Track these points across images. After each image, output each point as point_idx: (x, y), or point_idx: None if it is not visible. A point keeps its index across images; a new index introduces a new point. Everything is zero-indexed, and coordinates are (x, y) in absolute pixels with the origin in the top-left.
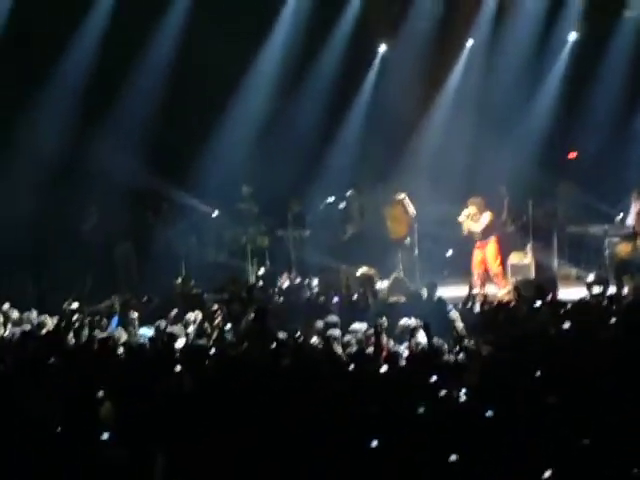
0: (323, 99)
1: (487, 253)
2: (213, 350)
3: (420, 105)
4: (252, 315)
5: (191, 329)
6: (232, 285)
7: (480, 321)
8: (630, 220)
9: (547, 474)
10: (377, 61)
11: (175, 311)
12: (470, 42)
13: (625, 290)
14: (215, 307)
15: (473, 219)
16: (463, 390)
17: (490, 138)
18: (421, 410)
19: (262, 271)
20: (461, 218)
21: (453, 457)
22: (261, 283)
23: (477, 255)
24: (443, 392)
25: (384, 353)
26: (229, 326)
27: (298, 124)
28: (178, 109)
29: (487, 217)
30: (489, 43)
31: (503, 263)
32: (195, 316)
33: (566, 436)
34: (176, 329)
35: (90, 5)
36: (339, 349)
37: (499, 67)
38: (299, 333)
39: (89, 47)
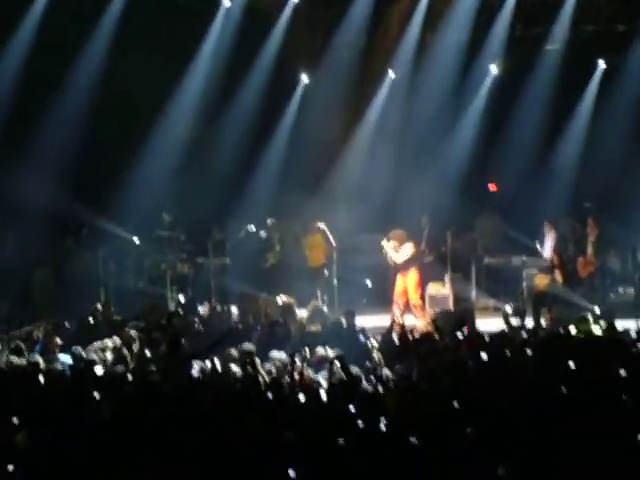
0: (245, 128)
1: (408, 283)
2: (131, 377)
3: (341, 135)
4: (166, 343)
5: (109, 356)
6: (152, 312)
7: (398, 351)
8: (546, 252)
9: None
10: (299, 91)
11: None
12: (392, 73)
13: (542, 322)
14: (134, 334)
15: (395, 250)
16: (382, 420)
17: (411, 169)
18: (341, 440)
19: (182, 299)
20: (384, 246)
21: None
22: (181, 311)
23: (399, 284)
24: (361, 422)
25: (303, 382)
26: (148, 353)
27: (220, 153)
28: (100, 135)
29: (410, 248)
30: (411, 74)
31: (423, 294)
32: (113, 342)
33: (482, 466)
34: (94, 356)
35: (10, 30)
36: (261, 376)
37: (420, 99)
38: (217, 361)
39: (9, 72)
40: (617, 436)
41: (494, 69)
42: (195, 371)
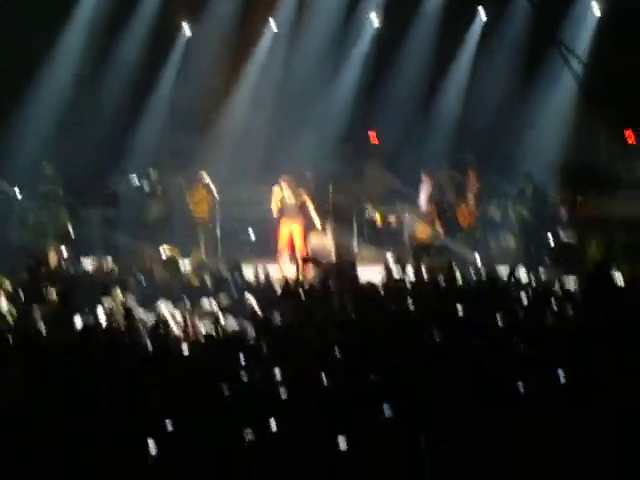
0: (128, 78)
1: (294, 233)
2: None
3: (224, 86)
4: (56, 297)
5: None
6: (36, 266)
7: (282, 302)
8: (422, 202)
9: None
10: (182, 41)
11: None
12: (273, 23)
13: (423, 272)
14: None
15: (285, 194)
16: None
17: (292, 122)
18: (227, 392)
19: (65, 252)
20: (275, 191)
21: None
22: (64, 264)
23: (285, 233)
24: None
25: (190, 334)
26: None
27: (101, 105)
28: None
29: (302, 194)
30: (292, 24)
31: (306, 247)
32: None
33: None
34: None
35: None
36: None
37: (302, 48)
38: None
39: None
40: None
41: (375, 18)
42: (78, 324)
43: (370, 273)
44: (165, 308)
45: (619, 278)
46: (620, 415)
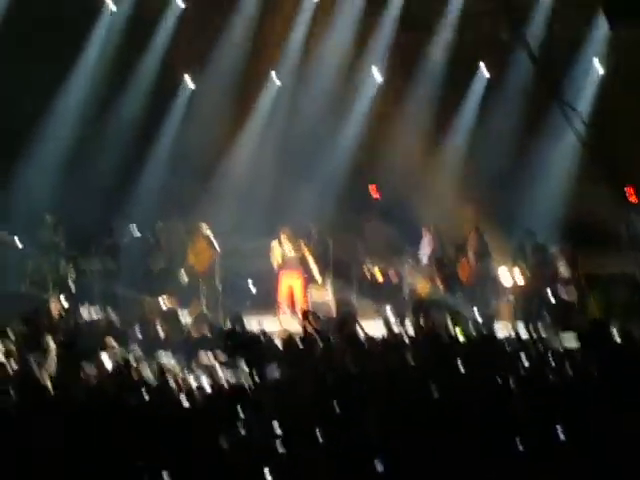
0: (130, 131)
1: (294, 287)
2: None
3: (226, 139)
4: (62, 346)
5: None
6: (35, 316)
7: (284, 354)
8: (424, 258)
9: None
10: (184, 95)
11: None
12: (276, 78)
13: (422, 327)
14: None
15: (285, 247)
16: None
17: (294, 174)
18: (225, 445)
19: (65, 303)
20: (274, 246)
21: None
22: (64, 314)
23: (285, 287)
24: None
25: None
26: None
27: (104, 155)
28: None
29: (303, 247)
30: (295, 79)
31: (306, 301)
32: None
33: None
34: None
35: None
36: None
37: (304, 103)
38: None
39: None
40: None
41: (377, 74)
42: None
43: (370, 328)
44: (164, 360)
45: (618, 336)
46: (617, 470)
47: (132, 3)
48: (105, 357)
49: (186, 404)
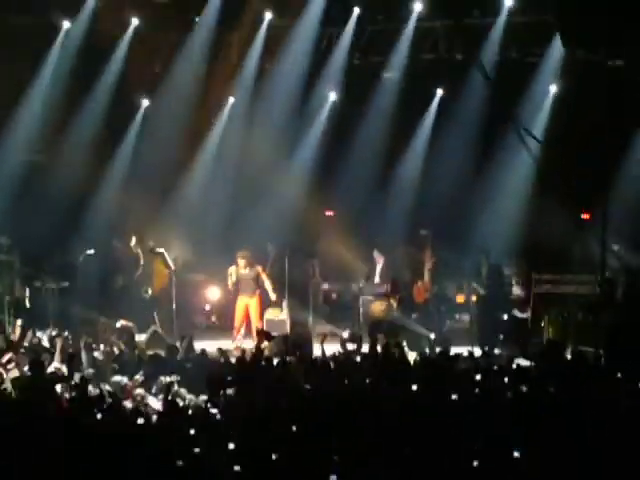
0: (85, 151)
1: (251, 307)
2: None
3: (182, 160)
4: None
5: None
6: None
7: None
8: (376, 279)
9: None
10: (140, 115)
11: None
12: (232, 99)
13: (378, 348)
14: None
15: (243, 269)
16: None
17: (250, 195)
18: (180, 463)
19: (19, 323)
20: (231, 270)
21: None
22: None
23: (241, 307)
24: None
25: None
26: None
27: (59, 176)
28: None
29: (259, 267)
30: (251, 101)
31: (262, 321)
32: None
33: None
34: None
35: None
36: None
37: (260, 125)
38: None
39: None
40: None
41: (333, 96)
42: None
43: (325, 349)
44: (117, 379)
45: (572, 356)
46: None
47: (87, 23)
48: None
49: (140, 422)
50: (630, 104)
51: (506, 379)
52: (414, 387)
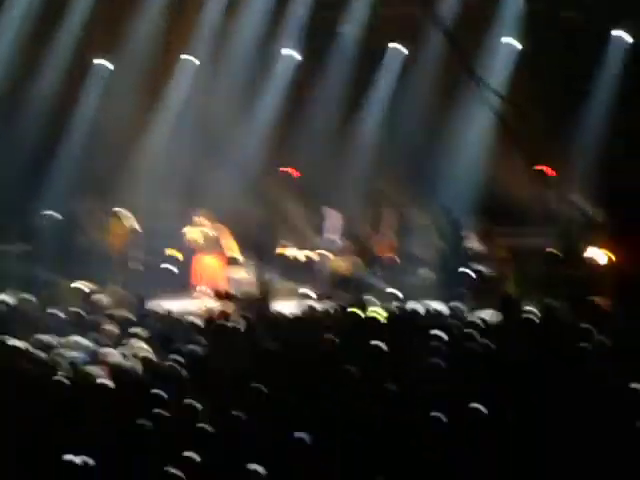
0: (43, 111)
1: (214, 267)
2: None
3: (142, 120)
4: None
5: None
6: None
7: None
8: (330, 235)
9: None
10: (98, 74)
11: None
12: (189, 58)
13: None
14: None
15: (204, 229)
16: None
17: (211, 155)
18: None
19: None
20: (192, 229)
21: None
22: None
23: (204, 265)
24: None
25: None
26: None
27: (16, 135)
28: None
29: (222, 228)
30: (209, 59)
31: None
32: None
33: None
34: None
35: None
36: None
37: (219, 84)
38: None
39: None
40: None
41: (292, 53)
42: None
43: (290, 307)
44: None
45: (535, 310)
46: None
47: None
48: (19, 343)
49: (109, 384)
50: (586, 54)
51: (474, 334)
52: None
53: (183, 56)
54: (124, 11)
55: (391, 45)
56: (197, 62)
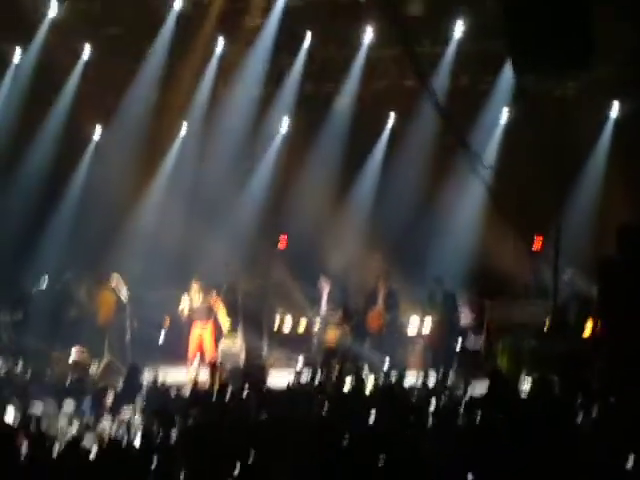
0: (36, 184)
1: (205, 337)
2: None
3: (135, 190)
4: None
5: None
6: None
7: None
8: (323, 306)
9: None
10: (91, 146)
11: None
12: (184, 129)
13: (334, 376)
14: None
15: (195, 299)
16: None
17: (204, 224)
18: None
19: None
20: (184, 298)
21: None
22: None
23: (195, 337)
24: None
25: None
26: None
27: (9, 208)
28: None
29: (214, 298)
30: (203, 130)
31: (216, 351)
32: None
33: None
34: None
35: None
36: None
37: (213, 153)
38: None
39: None
40: None
41: (286, 122)
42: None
43: (280, 378)
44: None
45: (526, 384)
46: None
47: (38, 54)
48: (11, 411)
49: (97, 455)
50: (578, 130)
51: (460, 407)
52: (371, 417)
53: (177, 124)
54: (119, 81)
55: (385, 117)
56: (190, 132)
